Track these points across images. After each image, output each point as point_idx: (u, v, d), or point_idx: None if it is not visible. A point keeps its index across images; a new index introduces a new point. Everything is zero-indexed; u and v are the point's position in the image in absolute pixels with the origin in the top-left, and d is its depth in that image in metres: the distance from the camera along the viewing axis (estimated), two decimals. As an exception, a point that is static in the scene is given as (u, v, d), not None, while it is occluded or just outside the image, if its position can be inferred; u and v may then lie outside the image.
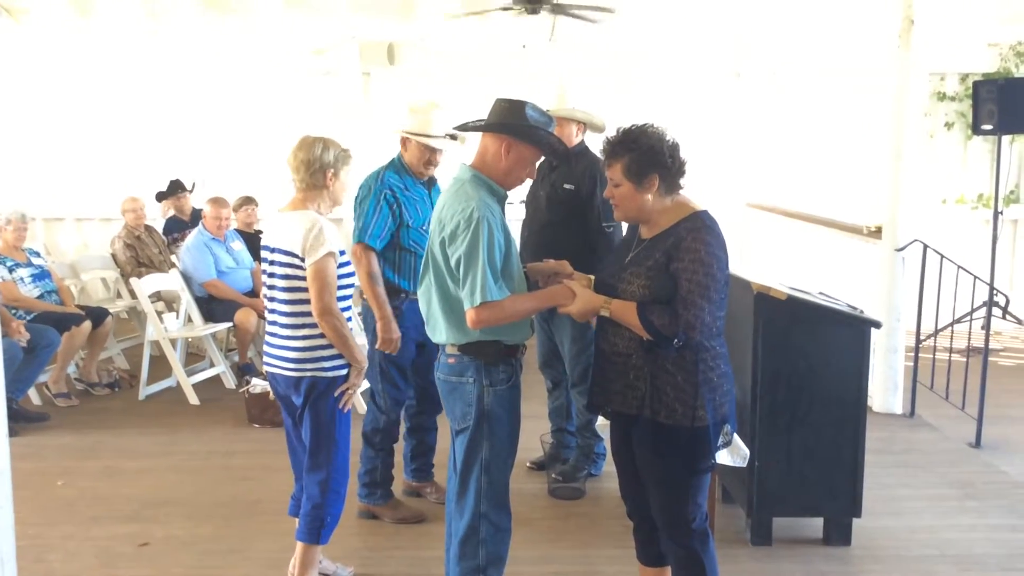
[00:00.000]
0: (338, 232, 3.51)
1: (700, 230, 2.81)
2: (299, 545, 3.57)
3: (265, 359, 3.60)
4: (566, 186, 4.51)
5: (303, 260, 3.35)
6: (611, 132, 2.93)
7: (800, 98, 9.24)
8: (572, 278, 3.06)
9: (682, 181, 2.91)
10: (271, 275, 3.47)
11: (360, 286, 4.04)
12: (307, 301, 3.37)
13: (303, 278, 3.36)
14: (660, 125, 2.88)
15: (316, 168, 3.40)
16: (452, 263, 2.95)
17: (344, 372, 3.48)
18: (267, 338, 3.57)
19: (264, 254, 3.52)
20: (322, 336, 3.40)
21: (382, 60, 9.03)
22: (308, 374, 3.43)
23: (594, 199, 4.42)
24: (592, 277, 3.08)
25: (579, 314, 2.95)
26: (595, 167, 4.40)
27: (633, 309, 2.80)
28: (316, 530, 3.52)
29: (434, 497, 4.58)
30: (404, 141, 4.24)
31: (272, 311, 3.52)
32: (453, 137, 4.18)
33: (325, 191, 3.46)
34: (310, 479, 3.54)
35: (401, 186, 4.19)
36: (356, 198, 4.26)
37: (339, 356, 3.45)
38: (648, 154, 2.82)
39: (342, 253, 3.47)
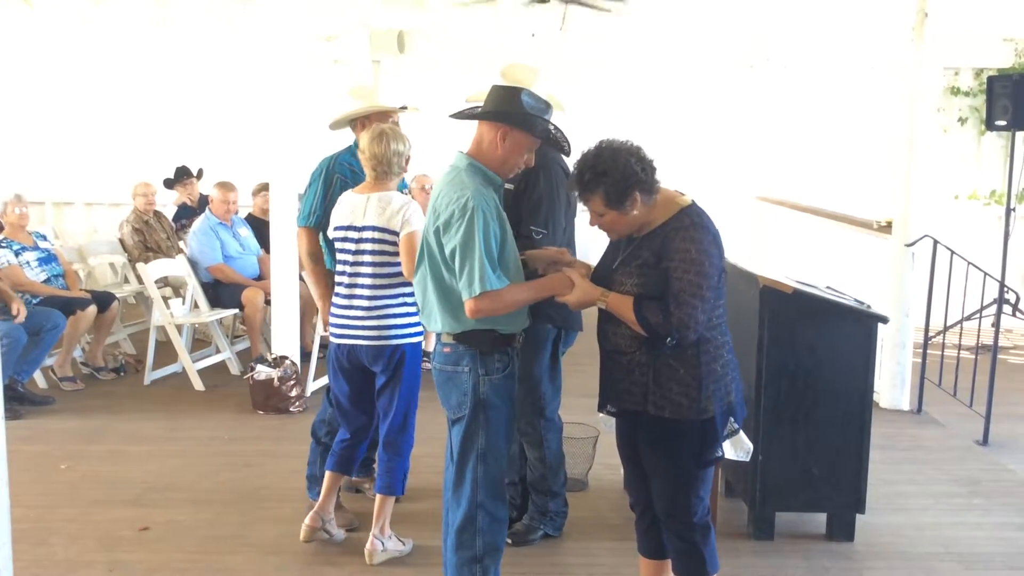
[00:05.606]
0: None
1: (688, 228, 2.77)
2: (378, 498, 3.84)
3: (341, 332, 3.78)
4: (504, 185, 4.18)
5: (396, 234, 3.64)
6: (573, 162, 2.82)
7: (812, 91, 9.19)
8: (572, 266, 3.04)
9: (658, 176, 2.83)
10: (356, 252, 3.70)
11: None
12: (397, 273, 3.68)
13: (395, 253, 3.65)
14: (616, 137, 2.80)
15: (398, 159, 3.76)
16: (447, 252, 2.93)
17: (421, 339, 3.83)
18: (346, 312, 3.76)
19: (340, 234, 3.75)
20: (403, 305, 3.71)
21: (392, 48, 8.98)
22: (399, 341, 3.73)
23: (524, 200, 3.90)
24: (591, 265, 3.05)
25: (576, 304, 2.92)
26: (534, 165, 4.13)
27: (630, 303, 2.78)
28: (400, 481, 3.85)
29: (372, 493, 4.29)
30: (360, 123, 4.20)
31: (356, 286, 3.73)
32: (403, 108, 4.24)
33: (400, 176, 3.84)
34: (399, 437, 3.81)
35: (360, 168, 3.99)
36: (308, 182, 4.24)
37: (418, 324, 3.71)
38: (621, 178, 2.75)
39: None
